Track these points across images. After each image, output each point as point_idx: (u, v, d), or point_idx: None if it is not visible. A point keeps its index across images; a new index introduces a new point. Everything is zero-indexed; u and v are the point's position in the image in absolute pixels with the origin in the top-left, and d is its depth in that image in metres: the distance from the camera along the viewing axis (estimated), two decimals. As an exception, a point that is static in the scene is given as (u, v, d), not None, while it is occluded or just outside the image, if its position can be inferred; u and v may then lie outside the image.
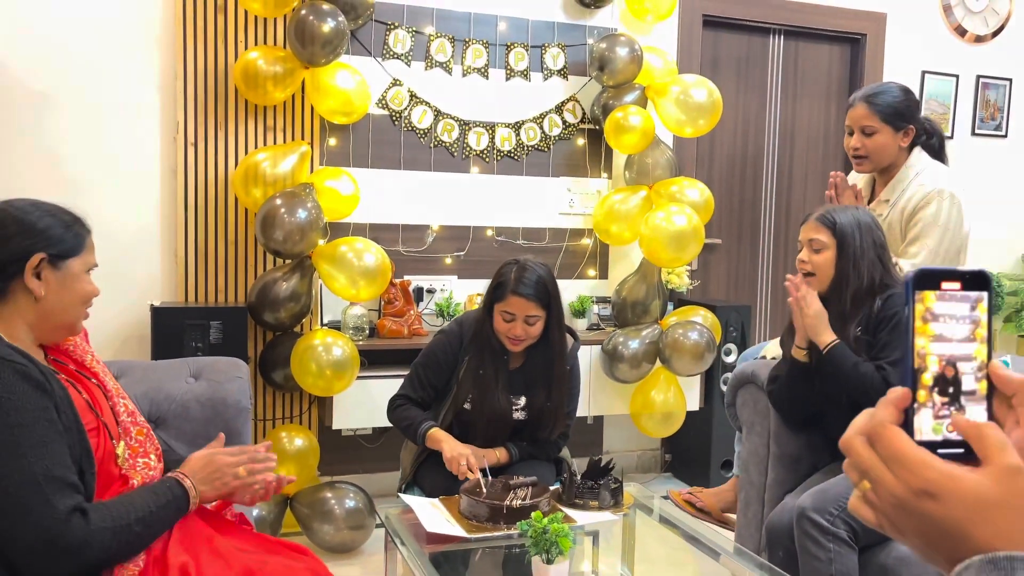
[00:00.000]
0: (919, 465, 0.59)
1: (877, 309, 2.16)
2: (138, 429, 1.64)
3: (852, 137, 2.58)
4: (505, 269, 2.34)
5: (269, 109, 3.29)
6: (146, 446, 1.63)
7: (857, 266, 2.17)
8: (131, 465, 1.58)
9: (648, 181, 3.61)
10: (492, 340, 2.35)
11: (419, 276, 3.58)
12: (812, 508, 2.00)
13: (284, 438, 3.12)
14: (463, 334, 2.43)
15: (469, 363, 2.39)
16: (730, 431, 3.85)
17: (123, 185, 3.22)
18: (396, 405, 2.45)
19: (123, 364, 2.20)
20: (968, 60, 4.55)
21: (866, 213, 2.25)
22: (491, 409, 2.36)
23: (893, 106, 2.51)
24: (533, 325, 2.31)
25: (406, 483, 2.48)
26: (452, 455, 2.23)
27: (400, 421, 2.42)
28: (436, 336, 2.52)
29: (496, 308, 2.32)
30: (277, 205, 2.98)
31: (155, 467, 1.63)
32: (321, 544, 3.09)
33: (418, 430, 2.35)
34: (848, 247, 2.18)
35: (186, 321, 2.98)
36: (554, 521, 1.67)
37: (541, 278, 2.31)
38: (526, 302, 2.28)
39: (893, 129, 2.52)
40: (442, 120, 3.61)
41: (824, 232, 2.21)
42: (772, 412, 2.42)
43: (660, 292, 3.65)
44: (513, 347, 2.35)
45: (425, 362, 2.46)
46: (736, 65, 4.23)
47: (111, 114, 3.19)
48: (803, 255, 2.25)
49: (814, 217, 2.24)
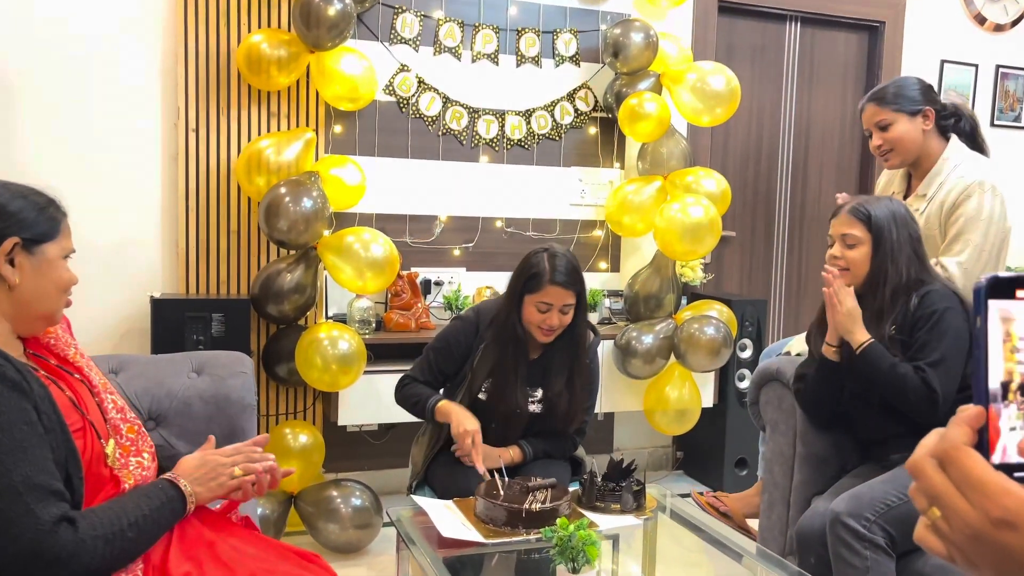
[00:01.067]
0: (998, 492, 0.54)
1: (913, 307, 2.05)
2: (128, 426, 1.53)
3: (872, 138, 2.50)
4: (536, 259, 2.25)
5: (273, 95, 3.19)
6: (138, 444, 1.53)
7: (895, 261, 2.07)
8: (123, 465, 1.48)
9: (663, 171, 3.50)
10: (517, 331, 2.27)
11: (427, 268, 3.48)
12: (847, 513, 1.90)
13: (288, 434, 3.03)
14: (479, 322, 2.36)
15: (485, 352, 2.31)
16: (744, 428, 3.76)
17: (122, 173, 3.11)
18: (404, 384, 2.38)
19: (122, 359, 2.10)
20: (987, 49, 4.44)
21: (900, 204, 2.14)
22: (508, 401, 2.29)
23: (901, 94, 2.42)
24: (567, 314, 2.25)
25: (416, 481, 2.39)
26: (459, 430, 2.18)
27: (408, 399, 2.35)
28: (452, 322, 2.44)
29: (528, 299, 2.24)
30: (281, 194, 2.88)
31: (149, 466, 1.53)
32: (326, 544, 3.00)
33: (427, 404, 2.29)
34: (885, 242, 2.08)
35: (187, 313, 2.88)
36: (580, 528, 1.57)
37: (572, 264, 2.25)
38: (563, 291, 2.21)
39: (908, 115, 2.42)
40: (451, 107, 3.50)
41: (858, 226, 2.10)
42: (798, 411, 2.32)
43: (674, 286, 3.55)
44: (545, 337, 2.27)
45: (438, 347, 2.38)
46: (751, 53, 4.12)
47: (109, 99, 3.08)
48: (835, 251, 2.14)
49: (846, 210, 2.13)
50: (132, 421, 1.55)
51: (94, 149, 3.07)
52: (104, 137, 3.08)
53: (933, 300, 2.03)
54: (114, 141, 3.09)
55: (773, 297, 4.28)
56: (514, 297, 2.28)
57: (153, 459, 1.57)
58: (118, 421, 1.52)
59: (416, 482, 2.39)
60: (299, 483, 3.03)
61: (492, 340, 2.31)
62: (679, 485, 3.87)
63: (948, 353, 1.99)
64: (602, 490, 2.06)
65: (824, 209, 4.33)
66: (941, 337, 2.00)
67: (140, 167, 3.13)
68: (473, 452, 2.15)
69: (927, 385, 1.98)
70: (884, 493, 1.92)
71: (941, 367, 1.99)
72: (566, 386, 2.31)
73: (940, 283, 2.09)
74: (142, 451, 1.53)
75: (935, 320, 2.01)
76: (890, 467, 2.10)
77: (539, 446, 2.34)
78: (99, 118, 3.07)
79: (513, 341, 2.28)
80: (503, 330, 2.29)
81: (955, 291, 2.08)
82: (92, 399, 1.50)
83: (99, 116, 3.07)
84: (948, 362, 2.00)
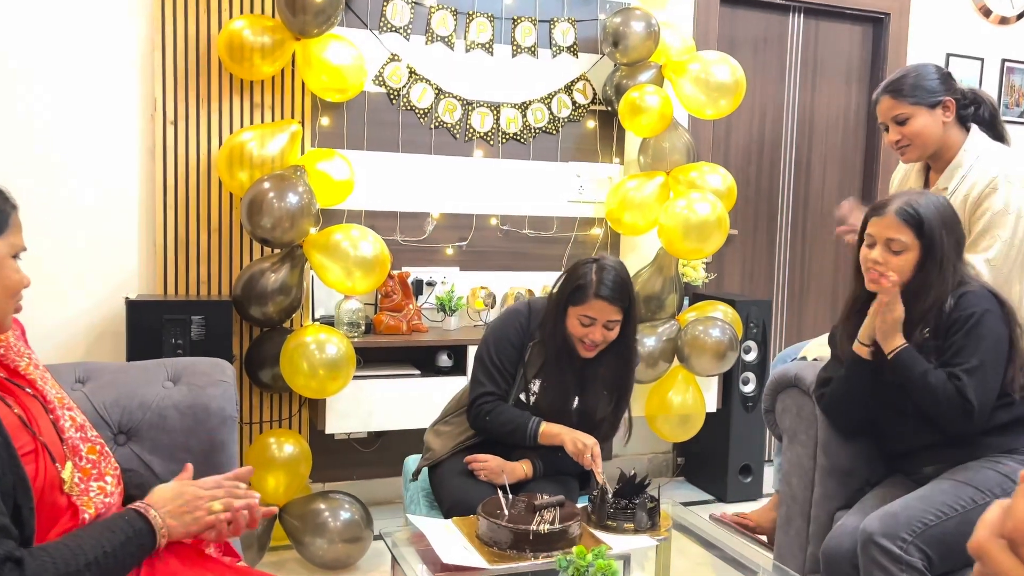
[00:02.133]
0: None
1: (949, 308, 1.90)
2: (89, 446, 1.36)
3: (888, 132, 2.35)
4: (584, 269, 2.11)
5: (256, 84, 3.01)
6: (100, 466, 1.35)
7: (943, 272, 1.90)
8: (82, 491, 1.30)
9: (664, 167, 3.36)
10: (567, 340, 2.15)
11: (418, 268, 3.32)
12: (881, 533, 1.76)
13: (272, 444, 2.86)
14: (531, 317, 2.22)
15: (534, 352, 2.19)
16: (749, 434, 3.63)
17: (96, 167, 2.93)
18: (488, 409, 2.18)
19: (89, 367, 1.92)
20: (993, 43, 4.33)
21: (947, 203, 1.96)
22: (555, 405, 2.18)
23: (919, 85, 2.28)
24: (612, 330, 2.12)
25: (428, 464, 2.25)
26: (576, 448, 2.08)
27: (503, 427, 2.17)
28: (503, 318, 2.28)
29: (572, 311, 2.11)
30: (265, 189, 2.71)
31: (112, 492, 1.36)
32: (313, 560, 2.83)
33: (527, 430, 2.14)
34: (936, 251, 1.90)
35: (165, 316, 2.71)
36: (599, 556, 1.41)
37: (622, 278, 2.12)
38: (608, 306, 2.08)
39: (927, 108, 2.28)
40: (443, 99, 3.34)
41: (907, 232, 1.91)
42: (820, 419, 2.17)
43: (677, 286, 3.41)
44: (588, 352, 2.14)
45: (498, 342, 2.21)
46: (754, 44, 3.98)
47: (82, 89, 2.90)
48: (877, 255, 1.95)
49: (893, 211, 1.93)
50: (94, 440, 1.38)
51: (65, 142, 2.89)
52: (76, 129, 2.90)
53: (971, 302, 1.88)
54: (86, 133, 2.91)
55: (776, 297, 4.15)
56: (558, 307, 2.15)
57: (118, 483, 1.40)
58: (77, 441, 1.34)
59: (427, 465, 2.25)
60: (284, 495, 2.86)
61: (541, 340, 2.19)
62: (681, 493, 3.72)
63: (986, 359, 1.85)
64: (613, 508, 1.91)
65: (828, 205, 4.20)
66: (979, 342, 1.85)
67: (115, 161, 2.95)
68: (594, 466, 2.06)
69: (962, 395, 1.84)
70: (921, 511, 1.78)
71: (978, 375, 1.84)
72: (609, 402, 2.21)
73: (977, 283, 1.95)
74: (104, 475, 1.35)
75: (973, 323, 1.86)
76: (922, 481, 1.96)
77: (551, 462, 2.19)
78: (70, 109, 2.89)
79: (562, 351, 2.16)
80: (551, 338, 2.17)
81: (993, 292, 1.93)
82: (46, 416, 1.32)
83: (70, 107, 2.89)
84: (986, 369, 1.85)
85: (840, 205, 2.53)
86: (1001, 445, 1.90)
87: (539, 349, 2.19)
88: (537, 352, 2.19)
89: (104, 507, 1.33)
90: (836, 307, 4.25)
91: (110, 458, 1.40)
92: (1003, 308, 1.91)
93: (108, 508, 1.33)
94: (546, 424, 2.13)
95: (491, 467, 2.12)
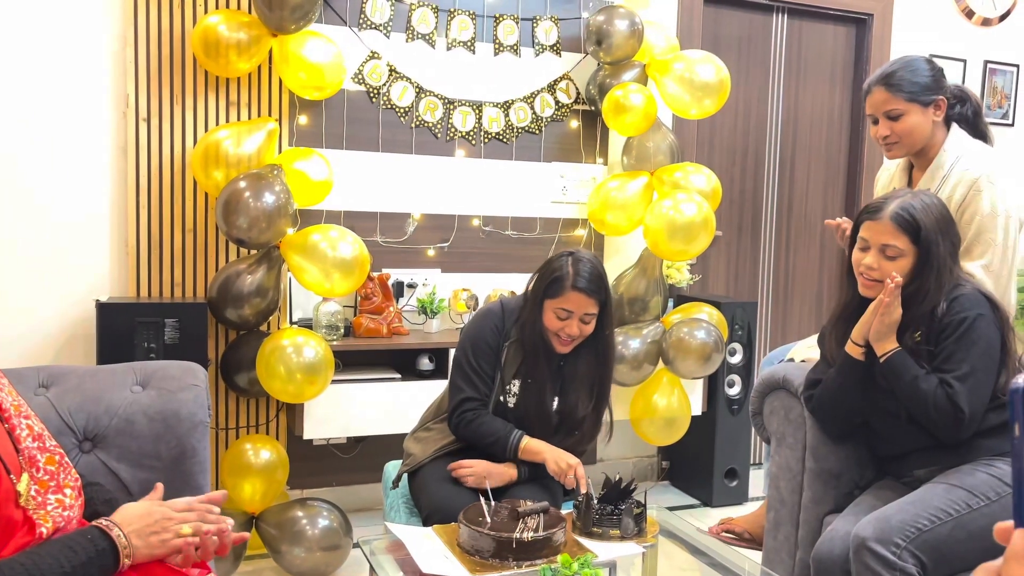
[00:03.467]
0: None
1: (941, 312, 1.85)
2: (47, 457, 1.28)
3: (877, 125, 2.30)
4: (559, 262, 2.10)
5: (232, 81, 2.94)
6: (59, 478, 1.28)
7: (939, 278, 1.85)
8: (39, 504, 1.23)
9: (648, 167, 3.32)
10: (543, 335, 2.11)
11: (399, 269, 3.26)
12: (874, 539, 1.71)
13: (249, 450, 2.79)
14: (505, 317, 2.18)
15: (511, 352, 2.15)
16: (734, 437, 3.59)
17: (66, 165, 2.85)
18: (469, 417, 2.12)
19: (54, 370, 1.84)
20: (976, 44, 4.33)
21: (941, 205, 1.92)
22: (536, 405, 2.13)
23: (916, 82, 2.22)
24: (588, 323, 2.10)
25: (408, 470, 2.19)
26: (559, 468, 2.04)
27: (484, 438, 2.11)
28: (477, 320, 2.22)
29: (549, 305, 2.08)
30: (241, 188, 2.64)
31: (71, 505, 1.28)
32: (290, 569, 2.75)
33: (508, 444, 2.08)
34: (933, 258, 1.85)
35: (137, 319, 2.63)
36: (585, 565, 1.36)
37: (598, 271, 2.10)
38: (585, 298, 2.06)
39: (921, 106, 2.23)
40: (424, 98, 3.28)
41: (903, 238, 1.86)
42: (809, 422, 2.13)
43: (661, 287, 3.36)
44: (563, 347, 2.11)
45: (474, 346, 2.16)
46: (738, 44, 3.95)
47: (51, 84, 2.81)
48: (871, 260, 1.89)
49: (889, 216, 1.87)
50: (52, 451, 1.30)
51: (33, 139, 2.81)
52: (44, 126, 2.82)
53: (963, 305, 1.84)
54: (56, 131, 2.83)
55: (761, 299, 4.11)
56: (535, 301, 2.12)
57: (78, 495, 1.32)
58: (34, 451, 1.27)
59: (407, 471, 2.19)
60: (261, 502, 2.79)
61: (517, 340, 2.15)
62: (666, 497, 3.68)
63: (978, 365, 1.81)
64: (599, 514, 1.86)
65: (812, 206, 4.18)
66: (970, 347, 1.81)
67: (86, 159, 2.87)
68: (579, 482, 2.01)
69: (952, 402, 1.79)
70: (915, 516, 1.74)
71: (969, 382, 1.80)
72: (590, 399, 2.17)
73: (970, 286, 1.90)
74: (64, 487, 1.28)
75: (965, 328, 1.82)
76: (913, 484, 1.92)
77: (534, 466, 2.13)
78: (39, 105, 2.81)
79: (540, 346, 2.12)
80: (528, 334, 2.13)
81: (987, 295, 1.89)
82: (0, 426, 1.25)
83: (39, 103, 2.81)
84: (977, 376, 1.81)
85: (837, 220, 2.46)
86: (993, 448, 1.86)
87: (516, 348, 2.15)
88: (514, 352, 2.15)
89: (64, 520, 1.25)
90: (821, 309, 4.22)
91: (70, 469, 1.32)
92: (996, 311, 1.87)
93: (68, 522, 1.26)
94: (528, 439, 2.09)
95: (478, 471, 2.06)
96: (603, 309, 2.11)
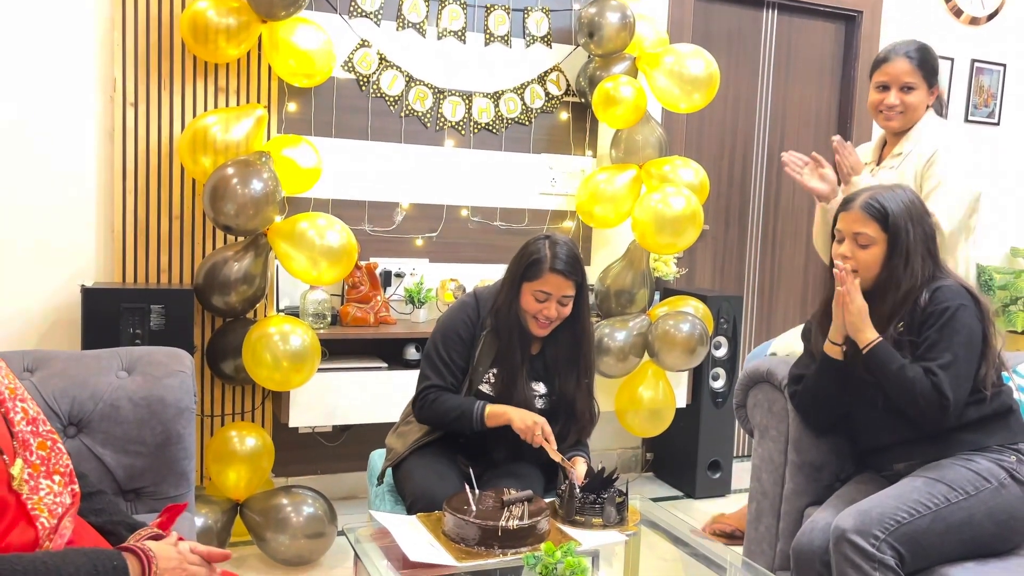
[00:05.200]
0: None
1: (924, 303, 1.89)
2: (39, 442, 1.28)
3: (887, 92, 2.44)
4: (536, 245, 2.12)
5: (221, 67, 2.93)
6: (49, 463, 1.28)
7: (910, 264, 1.90)
8: (33, 489, 1.23)
9: (637, 160, 3.32)
10: (520, 320, 2.12)
11: (387, 258, 3.26)
12: (854, 530, 1.74)
13: (234, 437, 2.78)
14: (480, 307, 2.19)
15: (487, 341, 2.15)
16: (718, 430, 3.62)
17: (51, 150, 2.83)
18: (431, 399, 2.14)
19: (39, 355, 1.84)
20: (963, 43, 4.36)
21: (914, 195, 1.98)
22: (514, 394, 2.13)
23: (933, 65, 2.43)
24: (566, 305, 2.12)
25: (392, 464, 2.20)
26: (525, 425, 2.03)
27: (446, 415, 2.11)
28: (451, 311, 2.24)
29: (526, 288, 2.11)
30: (228, 175, 2.63)
31: (60, 492, 1.28)
32: (275, 556, 2.76)
33: (473, 414, 2.08)
34: (901, 244, 1.90)
35: (123, 304, 2.62)
36: (568, 553, 1.37)
37: (574, 253, 2.13)
38: (563, 280, 2.08)
39: (928, 87, 2.43)
40: (414, 87, 3.27)
41: (873, 225, 1.92)
42: (791, 415, 2.15)
43: (647, 280, 3.38)
44: (541, 329, 2.13)
45: (444, 337, 2.18)
46: (728, 39, 3.96)
47: (36, 68, 2.79)
48: (845, 249, 1.95)
49: (859, 205, 1.94)
50: (45, 435, 1.30)
51: (18, 123, 2.78)
52: (30, 110, 2.79)
53: (945, 296, 1.87)
54: (41, 114, 2.81)
55: (747, 293, 4.14)
56: (512, 284, 2.13)
57: (71, 480, 1.32)
58: (28, 435, 1.27)
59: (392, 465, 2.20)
60: (246, 490, 2.79)
61: (492, 329, 2.15)
62: (649, 488, 3.70)
63: (959, 354, 1.84)
64: (581, 502, 1.87)
65: (799, 202, 4.20)
66: (952, 336, 1.84)
67: (72, 144, 2.85)
68: (545, 444, 2.02)
69: (938, 390, 1.82)
70: (894, 509, 1.76)
71: (952, 370, 1.83)
72: (578, 386, 2.18)
73: (953, 278, 1.94)
74: (53, 473, 1.28)
75: (947, 318, 1.85)
76: (893, 478, 1.95)
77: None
78: (23, 88, 2.78)
79: (515, 331, 2.13)
80: (504, 319, 2.13)
81: (968, 288, 1.93)
82: None
83: (23, 86, 2.78)
84: (960, 364, 1.84)
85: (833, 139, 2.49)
86: (973, 443, 1.89)
87: (492, 338, 2.16)
88: (490, 341, 2.16)
89: (59, 507, 1.26)
90: (806, 303, 4.25)
91: (61, 456, 1.32)
92: (978, 304, 1.90)
93: (61, 508, 1.26)
94: (491, 406, 2.09)
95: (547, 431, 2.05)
96: (579, 291, 2.13)
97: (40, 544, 1.22)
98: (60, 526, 1.27)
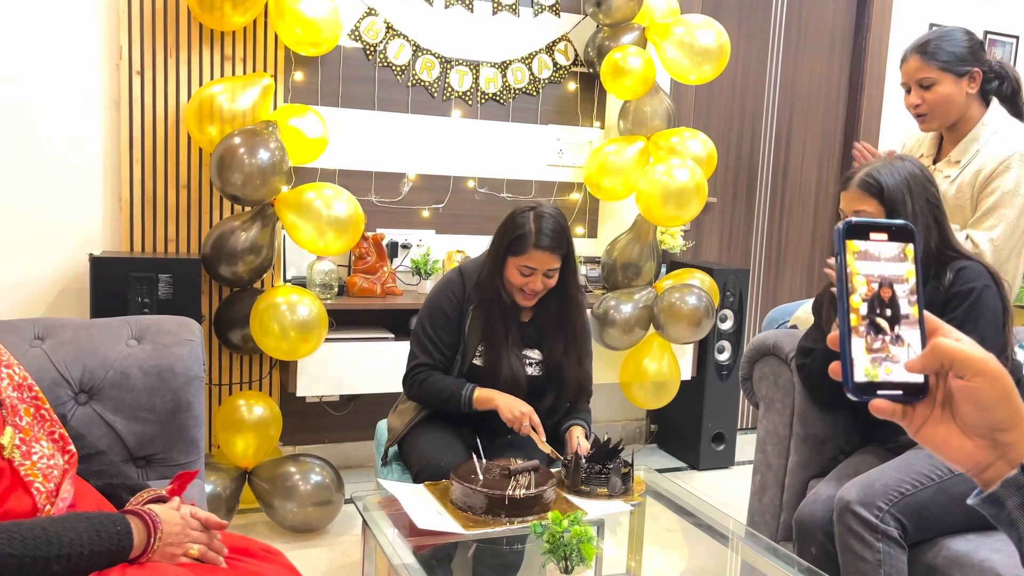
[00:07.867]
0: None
1: (948, 282, 1.86)
2: (24, 407, 1.28)
3: (910, 95, 2.29)
4: (521, 219, 2.09)
5: (227, 35, 2.91)
6: (34, 430, 1.28)
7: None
8: (24, 454, 1.23)
9: (645, 132, 3.30)
10: (503, 293, 2.12)
11: (393, 229, 3.25)
12: (858, 502, 1.75)
13: (242, 406, 2.80)
14: (465, 283, 2.19)
15: (474, 315, 2.15)
16: (723, 402, 3.63)
17: (58, 119, 2.82)
18: (420, 379, 2.15)
19: (49, 323, 1.85)
20: (976, 14, 4.30)
21: (915, 164, 1.93)
22: (504, 366, 2.13)
23: (951, 51, 2.21)
24: (552, 277, 2.11)
25: (392, 443, 2.22)
26: (512, 415, 2.04)
27: (436, 396, 2.13)
28: (436, 289, 2.25)
29: (511, 262, 2.10)
30: (235, 144, 2.62)
31: (52, 454, 1.28)
32: (282, 523, 2.79)
33: (461, 397, 2.10)
34: (899, 216, 1.88)
35: (131, 273, 2.63)
36: (575, 522, 1.38)
37: (560, 226, 2.10)
38: (549, 255, 2.07)
39: (955, 76, 2.21)
40: (421, 56, 3.25)
41: (870, 202, 1.88)
42: (797, 388, 2.16)
43: (654, 253, 3.37)
44: (527, 301, 2.14)
45: (432, 316, 2.19)
46: (738, 10, 3.92)
47: (42, 36, 2.77)
48: None
49: (855, 183, 1.90)
50: (30, 401, 1.30)
51: (24, 91, 2.77)
52: (35, 78, 2.78)
53: (970, 276, 1.85)
54: (47, 83, 2.80)
55: (753, 266, 4.13)
56: (497, 258, 2.12)
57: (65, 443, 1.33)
58: (15, 401, 1.27)
59: (391, 447, 2.22)
60: (254, 458, 2.81)
61: (479, 303, 2.15)
62: (653, 460, 3.73)
63: (987, 335, 1.83)
64: (587, 472, 1.89)
65: (807, 175, 4.18)
66: (979, 317, 1.83)
67: (77, 112, 2.84)
68: (533, 434, 2.03)
69: None
70: (898, 480, 1.77)
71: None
72: (565, 353, 2.17)
73: (974, 258, 1.92)
74: (40, 438, 1.28)
75: (973, 299, 1.84)
76: (898, 450, 1.96)
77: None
78: (29, 56, 2.77)
79: (500, 303, 2.13)
80: (488, 292, 2.13)
81: (988, 268, 1.91)
82: None
83: (29, 54, 2.77)
84: (986, 345, 1.83)
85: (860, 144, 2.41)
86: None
87: (479, 313, 2.16)
88: (478, 316, 2.16)
89: (51, 469, 1.26)
90: (813, 277, 4.25)
91: (44, 422, 1.32)
92: (999, 286, 1.89)
93: (53, 470, 1.27)
94: (480, 389, 2.10)
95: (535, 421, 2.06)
96: (565, 262, 2.12)
97: (40, 510, 1.23)
98: (60, 489, 1.27)
